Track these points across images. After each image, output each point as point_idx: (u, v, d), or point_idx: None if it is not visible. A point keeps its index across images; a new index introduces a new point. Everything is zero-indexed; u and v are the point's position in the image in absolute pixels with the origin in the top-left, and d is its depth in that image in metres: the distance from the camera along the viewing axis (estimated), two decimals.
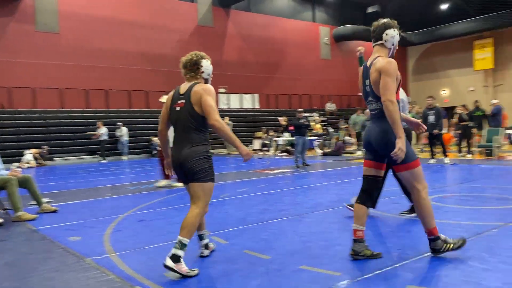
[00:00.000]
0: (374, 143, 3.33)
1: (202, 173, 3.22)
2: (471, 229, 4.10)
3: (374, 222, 4.60)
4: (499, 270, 2.97)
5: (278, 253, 3.59)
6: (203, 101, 3.23)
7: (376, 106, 3.32)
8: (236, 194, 6.96)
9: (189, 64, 3.44)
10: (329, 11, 28.12)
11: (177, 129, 3.37)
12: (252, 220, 4.94)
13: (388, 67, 3.17)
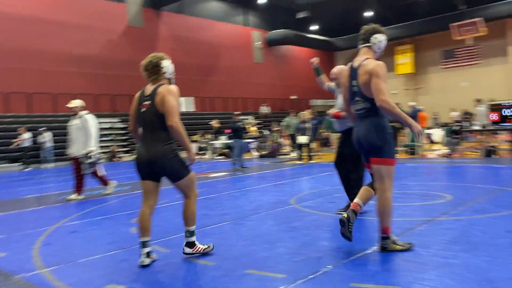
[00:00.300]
0: (363, 141, 3.49)
1: (180, 171, 3.49)
2: (403, 225, 4.33)
3: (314, 223, 4.70)
4: (433, 263, 3.15)
5: (222, 259, 3.54)
6: (166, 101, 3.35)
7: (363, 105, 3.46)
8: (174, 200, 6.79)
9: (149, 67, 3.51)
10: (261, 15, 28.55)
11: (145, 128, 3.51)
12: None
13: (378, 69, 3.33)
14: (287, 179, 9.14)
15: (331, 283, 2.89)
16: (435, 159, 11.62)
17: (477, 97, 15.75)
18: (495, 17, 23.52)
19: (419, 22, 26.31)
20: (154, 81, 3.51)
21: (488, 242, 3.59)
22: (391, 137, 3.48)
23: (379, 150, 3.39)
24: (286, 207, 5.70)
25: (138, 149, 3.56)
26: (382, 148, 3.39)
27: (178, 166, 3.49)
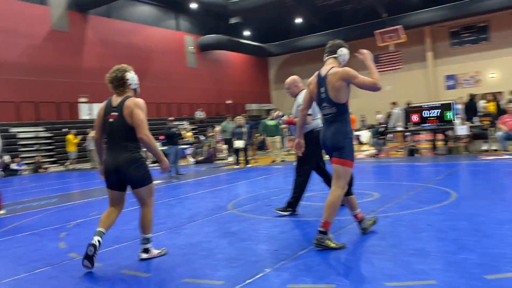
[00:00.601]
0: (328, 142, 3.80)
1: (143, 179, 3.66)
2: (335, 223, 4.49)
3: (251, 227, 4.74)
4: (364, 259, 3.30)
5: (158, 269, 3.46)
6: (134, 115, 3.53)
7: (330, 110, 3.78)
8: None
9: (115, 80, 3.66)
10: (193, 20, 28.36)
11: (111, 138, 3.64)
12: (127, 237, 4.69)
13: (347, 71, 3.74)
14: (224, 184, 9.13)
15: (269, 285, 2.92)
16: (363, 159, 12.19)
17: (401, 100, 16.76)
18: (414, 25, 25.22)
19: (345, 29, 27.52)
20: (120, 93, 3.66)
21: (413, 236, 3.82)
22: (352, 141, 3.80)
23: (340, 151, 3.71)
24: (223, 213, 5.69)
25: (105, 159, 3.70)
26: (343, 149, 3.71)
27: (143, 174, 3.64)
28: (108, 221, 3.71)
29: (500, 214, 4.36)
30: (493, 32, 25.05)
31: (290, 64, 32.43)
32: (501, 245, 3.37)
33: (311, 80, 3.99)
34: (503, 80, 24.41)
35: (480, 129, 11.12)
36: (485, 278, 2.73)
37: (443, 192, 5.86)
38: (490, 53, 25.15)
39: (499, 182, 6.83)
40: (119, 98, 3.65)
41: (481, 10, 23.27)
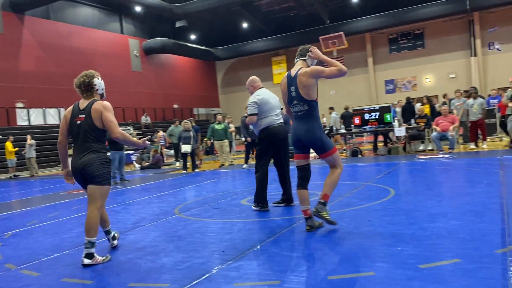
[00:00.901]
0: (303, 138, 4.09)
1: (101, 177, 3.70)
2: (281, 223, 4.60)
3: (198, 230, 4.72)
4: (307, 255, 3.40)
5: (102, 276, 3.37)
6: (104, 118, 3.71)
7: (302, 108, 4.08)
8: (46, 220, 6.26)
9: (83, 85, 3.85)
10: (138, 23, 27.80)
11: (77, 139, 3.78)
12: (68, 245, 4.51)
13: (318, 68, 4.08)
14: (171, 189, 9.00)
15: (215, 286, 2.94)
16: (311, 161, 12.45)
17: (344, 104, 17.35)
18: (355, 31, 26.25)
19: (291, 34, 28.13)
20: (87, 97, 3.86)
21: (354, 231, 3.99)
22: (324, 132, 4.18)
23: (322, 146, 4.08)
24: (170, 217, 5.63)
25: (72, 160, 3.80)
26: (323, 144, 4.08)
27: (103, 173, 3.72)
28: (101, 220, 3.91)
29: (433, 209, 4.65)
30: (428, 39, 26.60)
31: (238, 69, 32.62)
32: (433, 237, 3.60)
33: (282, 80, 4.32)
34: (437, 85, 25.97)
35: (417, 130, 11.76)
36: (419, 267, 2.91)
37: (382, 190, 6.14)
38: (426, 59, 26.69)
39: (434, 179, 7.26)
40: (86, 101, 3.83)
41: (417, 18, 24.66)
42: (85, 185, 3.80)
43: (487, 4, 23.13)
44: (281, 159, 5.58)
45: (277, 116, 5.47)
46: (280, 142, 5.46)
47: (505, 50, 24.93)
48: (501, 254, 3.01)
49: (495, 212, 4.22)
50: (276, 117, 5.44)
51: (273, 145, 5.45)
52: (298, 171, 4.31)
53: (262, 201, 5.48)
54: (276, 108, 5.50)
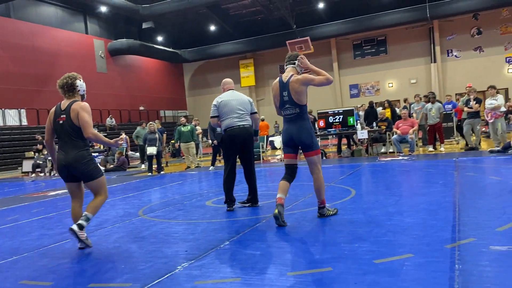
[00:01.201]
0: (295, 137, 4.42)
1: (94, 172, 4.08)
2: (245, 223, 4.67)
3: (162, 231, 4.73)
4: (269, 253, 3.49)
5: (62, 277, 3.33)
6: (80, 118, 3.98)
7: (293, 111, 4.43)
8: (5, 223, 6.08)
9: (65, 86, 4.14)
10: (104, 24, 27.31)
11: (61, 138, 4.08)
12: (27, 248, 4.42)
13: (308, 76, 4.41)
14: (136, 191, 8.91)
15: (177, 284, 2.97)
16: (276, 163, 12.65)
17: (309, 107, 17.57)
18: (321, 36, 26.77)
19: (259, 38, 28.36)
20: (69, 98, 4.14)
21: (315, 230, 4.11)
22: (314, 133, 4.52)
23: (310, 145, 4.41)
24: (134, 219, 5.59)
25: (58, 156, 4.10)
26: (311, 143, 4.42)
27: (92, 169, 4.06)
28: (77, 215, 4.16)
29: (390, 207, 4.85)
30: (391, 45, 27.45)
31: (206, 71, 32.55)
32: (389, 234, 3.76)
33: (274, 85, 4.60)
34: (399, 89, 26.81)
35: (379, 133, 12.12)
36: (374, 262, 3.04)
37: (344, 190, 6.33)
38: (388, 65, 27.52)
39: (393, 180, 7.53)
40: (67, 102, 4.11)
41: (380, 25, 25.41)
42: (69, 180, 4.13)
43: (446, 13, 24.13)
44: (245, 160, 5.66)
45: (238, 118, 5.49)
46: (240, 144, 5.50)
47: (462, 57, 26.05)
48: (450, 249, 3.19)
49: (448, 210, 4.44)
50: (236, 119, 5.47)
51: (232, 147, 5.52)
52: (286, 169, 4.60)
53: (227, 201, 5.55)
54: (237, 110, 5.50)
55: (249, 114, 5.61)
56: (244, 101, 5.62)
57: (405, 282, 2.64)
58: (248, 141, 5.55)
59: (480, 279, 2.59)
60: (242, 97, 5.68)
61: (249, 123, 5.59)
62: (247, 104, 5.62)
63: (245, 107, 5.57)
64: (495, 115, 10.25)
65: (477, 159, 9.03)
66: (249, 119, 5.61)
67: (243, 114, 5.54)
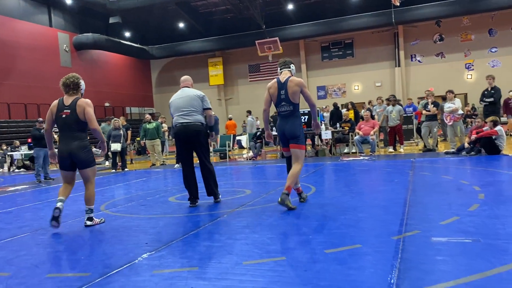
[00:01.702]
0: (287, 133, 5.04)
1: (89, 161, 4.70)
2: (206, 217, 4.79)
3: (123, 225, 4.77)
4: (227, 245, 3.62)
5: (19, 268, 3.34)
6: (86, 112, 4.60)
7: (288, 108, 5.04)
8: None
9: (72, 85, 4.70)
10: (69, 17, 26.63)
11: (64, 130, 4.64)
12: None
13: (303, 82, 5.13)
14: (99, 187, 8.80)
15: (136, 273, 3.05)
16: (242, 162, 12.79)
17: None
18: (290, 38, 27.10)
19: (228, 37, 28.40)
20: (71, 95, 4.69)
21: (273, 223, 4.27)
22: (303, 131, 5.15)
23: (297, 139, 5.00)
24: (95, 214, 5.58)
25: (59, 148, 4.66)
26: (299, 137, 5.01)
27: (89, 157, 4.70)
28: (65, 192, 4.74)
29: (346, 203, 5.08)
30: (357, 48, 28.09)
31: (173, 68, 32.26)
32: (342, 227, 3.96)
33: (271, 85, 5.18)
34: (365, 92, 27.48)
35: (342, 134, 12.47)
36: (325, 252, 3.22)
37: (305, 187, 6.51)
38: (355, 67, 28.14)
39: (352, 178, 7.81)
40: (70, 98, 4.66)
41: (347, 28, 25.96)
42: (69, 169, 4.70)
43: (410, 18, 24.92)
44: (198, 156, 5.60)
45: (181, 116, 5.46)
46: (183, 141, 5.51)
47: (425, 62, 26.98)
48: (396, 240, 3.41)
49: (399, 206, 4.70)
50: (180, 118, 5.46)
51: (178, 144, 5.63)
52: (287, 160, 5.34)
53: (190, 198, 5.61)
54: (182, 108, 5.47)
55: (198, 111, 5.49)
56: (192, 98, 5.51)
57: (351, 269, 2.83)
58: (192, 138, 5.47)
59: (419, 265, 2.81)
60: (190, 94, 5.56)
61: (194, 120, 5.46)
62: (195, 100, 5.50)
63: (191, 104, 5.47)
64: (453, 118, 10.76)
65: (433, 159, 9.47)
66: (197, 115, 5.48)
67: (187, 111, 5.45)
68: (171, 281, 2.85)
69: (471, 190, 5.47)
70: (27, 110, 22.64)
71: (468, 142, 9.90)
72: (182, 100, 5.54)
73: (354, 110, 13.97)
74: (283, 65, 5.28)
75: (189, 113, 5.46)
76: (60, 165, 4.73)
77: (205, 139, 5.60)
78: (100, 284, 2.89)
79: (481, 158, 9.09)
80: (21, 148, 16.74)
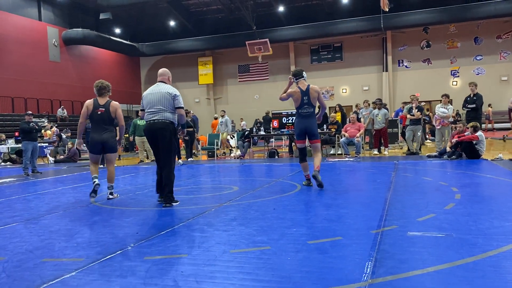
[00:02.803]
0: (308, 130, 6.26)
1: (115, 148, 6.19)
2: (195, 211, 4.95)
3: (114, 216, 4.90)
4: (215, 235, 3.79)
5: (14, 253, 3.47)
6: (118, 113, 6.12)
7: (309, 110, 6.24)
8: None
9: (106, 88, 6.18)
10: (59, 11, 26.49)
11: (97, 123, 6.03)
12: None
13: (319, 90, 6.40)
14: (87, 181, 8.89)
15: (127, 259, 3.21)
16: (230, 160, 12.96)
17: (267, 108, 18.05)
18: (280, 39, 27.35)
19: (219, 36, 28.54)
20: (103, 96, 6.13)
21: (259, 217, 4.46)
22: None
23: (316, 136, 6.34)
24: (86, 206, 5.71)
25: (92, 136, 6.05)
26: (317, 134, 6.36)
27: (115, 145, 6.19)
28: (96, 170, 6.20)
29: (329, 200, 5.29)
30: (346, 52, 28.48)
31: (163, 66, 31.44)
32: (324, 221, 4.17)
33: (295, 91, 6.27)
34: (352, 95, 27.87)
35: (329, 135, 12.71)
36: (307, 243, 3.42)
37: (291, 185, 6.74)
38: (343, 71, 28.53)
39: (336, 178, 8.03)
40: (104, 99, 6.09)
41: (336, 32, 26.33)
42: (98, 153, 6.12)
43: (398, 24, 25.39)
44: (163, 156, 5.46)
45: (151, 113, 5.44)
46: (150, 139, 5.55)
47: (412, 67, 27.49)
48: (374, 234, 3.62)
49: (379, 203, 4.92)
50: (149, 114, 5.46)
51: (148, 141, 5.84)
52: (300, 151, 6.55)
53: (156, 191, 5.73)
54: (152, 105, 5.44)
55: (167, 109, 5.42)
56: (163, 95, 5.45)
57: (331, 258, 3.03)
58: (157, 135, 5.40)
59: (394, 256, 3.02)
60: (162, 91, 5.50)
61: (162, 117, 5.39)
62: (165, 99, 5.43)
63: (161, 102, 5.42)
64: (443, 123, 11.10)
65: (416, 162, 9.76)
66: (165, 113, 5.40)
67: (156, 109, 5.43)
68: (162, 266, 3.02)
69: (449, 190, 5.73)
70: (14, 104, 22.49)
71: (449, 146, 10.22)
72: (153, 96, 5.49)
73: (341, 112, 14.24)
74: (299, 76, 6.33)
75: (158, 111, 5.41)
76: (91, 150, 6.11)
77: (171, 137, 5.41)
78: (94, 268, 3.04)
79: (462, 162, 9.40)
80: (7, 142, 16.64)
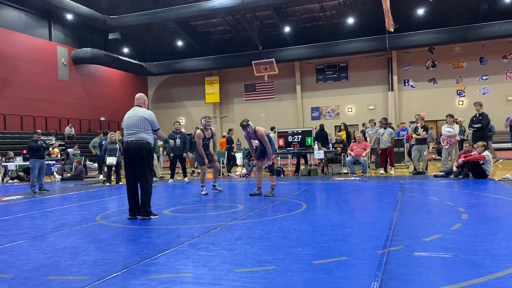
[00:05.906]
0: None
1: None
2: (200, 229, 4.95)
3: (119, 234, 4.91)
4: (220, 254, 3.79)
5: (21, 270, 3.49)
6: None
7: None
8: None
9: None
10: (69, 31, 26.99)
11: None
12: None
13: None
14: (94, 199, 8.95)
15: (133, 277, 3.21)
16: (236, 179, 12.96)
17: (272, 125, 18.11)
18: (286, 59, 27.60)
19: (226, 56, 28.87)
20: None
21: (264, 236, 4.45)
22: None
23: None
24: (91, 224, 5.73)
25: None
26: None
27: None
28: None
29: (335, 220, 5.27)
30: (351, 72, 28.65)
31: (170, 85, 32.64)
32: (330, 241, 4.15)
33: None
34: (358, 114, 27.93)
35: (334, 154, 12.72)
36: (313, 262, 3.41)
37: (296, 204, 6.72)
38: (348, 90, 28.65)
39: (342, 197, 8.01)
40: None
41: (342, 52, 26.53)
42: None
43: (404, 45, 25.56)
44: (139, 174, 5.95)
45: (129, 134, 5.98)
46: (126, 157, 6.01)
47: (418, 87, 27.55)
48: (380, 254, 3.60)
49: (386, 223, 4.90)
50: (127, 135, 6.01)
51: (124, 160, 6.10)
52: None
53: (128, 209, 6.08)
54: (130, 128, 6.00)
55: (143, 131, 5.97)
56: (139, 118, 6.01)
57: (336, 278, 3.01)
58: (133, 154, 5.90)
59: (400, 276, 3.00)
60: (138, 115, 6.04)
61: (138, 138, 5.92)
62: (141, 121, 5.99)
63: (137, 125, 5.98)
64: (450, 142, 11.10)
65: (422, 182, 9.71)
66: (141, 134, 5.95)
67: (133, 131, 5.98)
68: (167, 284, 3.02)
69: (455, 210, 5.69)
70: (23, 122, 22.74)
71: (456, 166, 10.17)
72: (130, 120, 6.07)
73: (346, 131, 14.26)
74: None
75: (134, 132, 5.97)
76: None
77: (147, 155, 5.93)
78: (99, 286, 3.04)
79: (468, 181, 9.34)
80: (15, 159, 16.79)
